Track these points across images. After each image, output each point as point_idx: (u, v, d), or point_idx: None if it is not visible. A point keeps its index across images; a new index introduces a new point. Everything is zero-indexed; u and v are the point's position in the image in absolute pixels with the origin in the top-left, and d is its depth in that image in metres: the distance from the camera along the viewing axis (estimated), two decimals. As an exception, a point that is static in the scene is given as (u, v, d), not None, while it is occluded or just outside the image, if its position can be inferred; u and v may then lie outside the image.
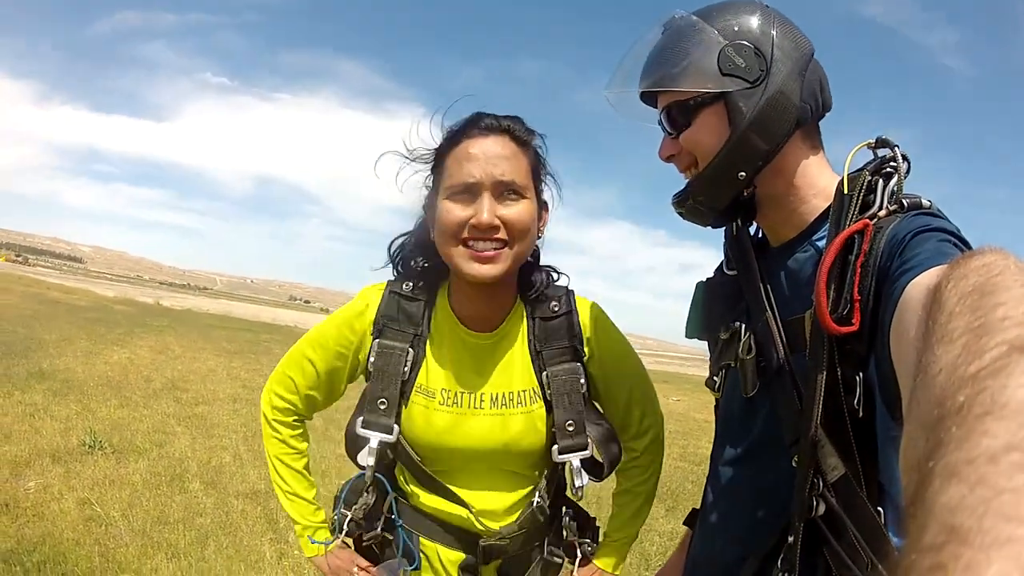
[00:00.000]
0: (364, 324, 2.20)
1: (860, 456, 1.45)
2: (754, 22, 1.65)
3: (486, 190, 1.96)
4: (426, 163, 2.16)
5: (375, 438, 2.11)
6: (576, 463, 2.17)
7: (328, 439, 10.62)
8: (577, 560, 2.37)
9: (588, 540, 2.38)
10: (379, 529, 2.22)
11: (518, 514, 2.19)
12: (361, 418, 2.14)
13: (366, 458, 2.12)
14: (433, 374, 2.17)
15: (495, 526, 2.16)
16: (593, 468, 2.26)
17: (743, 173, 1.66)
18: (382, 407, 2.11)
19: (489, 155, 1.98)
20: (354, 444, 2.19)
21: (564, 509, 2.39)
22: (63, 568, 5.22)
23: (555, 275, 2.32)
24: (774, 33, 1.64)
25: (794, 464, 1.54)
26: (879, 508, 1.44)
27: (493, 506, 2.18)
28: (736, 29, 1.64)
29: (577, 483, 2.18)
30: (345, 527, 2.22)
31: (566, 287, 2.30)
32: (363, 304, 2.22)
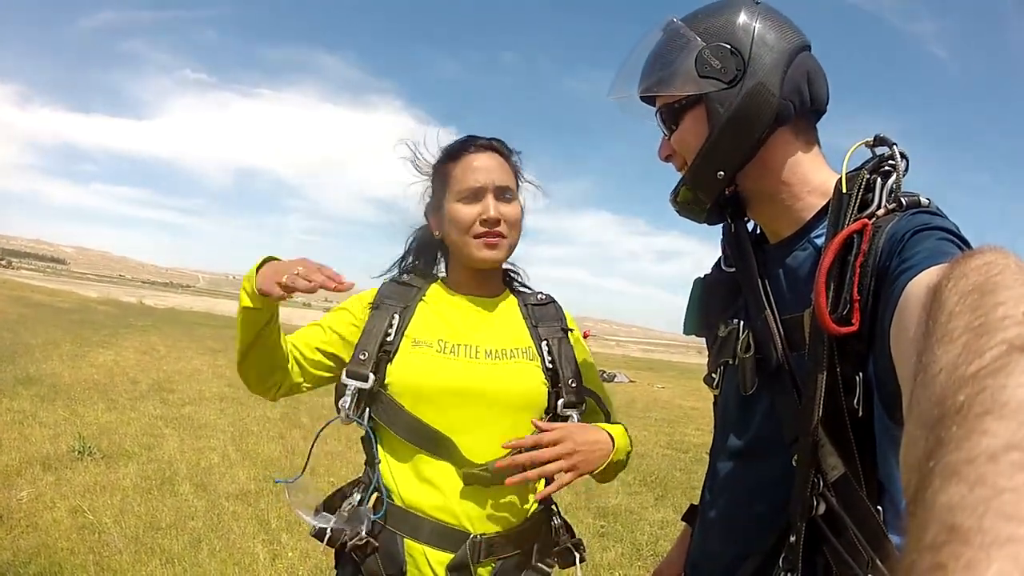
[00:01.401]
0: (368, 300, 2.48)
1: (859, 455, 1.45)
2: (736, 21, 1.65)
3: (489, 192, 2.36)
4: (425, 175, 2.57)
5: (353, 384, 2.30)
6: (576, 418, 2.38)
7: (320, 438, 10.62)
8: (578, 560, 2.43)
9: (578, 541, 2.47)
10: (363, 533, 2.24)
11: (505, 455, 2.23)
12: (345, 370, 2.34)
13: (344, 401, 2.30)
14: (428, 329, 2.41)
15: (479, 461, 2.23)
16: None
17: (722, 172, 1.68)
18: (362, 358, 2.32)
19: (489, 166, 2.40)
20: (339, 393, 2.36)
21: (555, 517, 2.48)
22: (59, 579, 5.20)
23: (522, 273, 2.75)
24: (755, 30, 1.64)
25: (794, 463, 1.54)
26: (878, 507, 1.44)
27: (482, 448, 2.26)
28: (716, 30, 1.66)
29: None
30: (330, 531, 2.26)
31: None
32: (371, 290, 2.53)
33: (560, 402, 2.37)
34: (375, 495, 2.32)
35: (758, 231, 1.91)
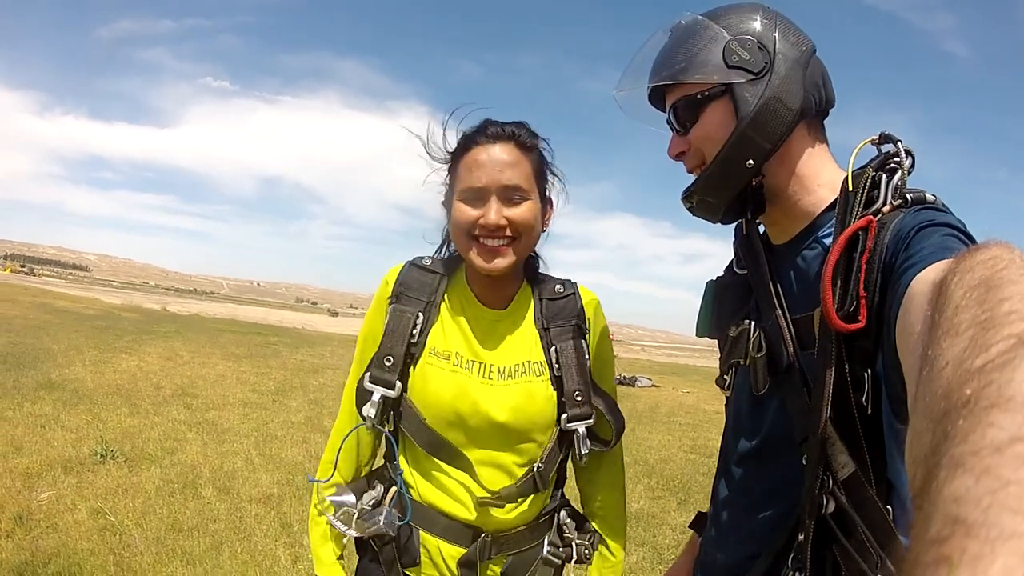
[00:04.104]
0: (385, 296, 2.34)
1: (869, 453, 1.45)
2: (757, 20, 1.68)
3: (492, 194, 2.15)
4: (444, 164, 2.33)
5: (378, 392, 2.22)
6: (582, 431, 2.30)
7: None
8: (572, 560, 2.44)
9: (585, 542, 2.45)
10: (381, 523, 2.26)
11: (518, 477, 2.27)
12: (369, 373, 2.26)
13: (368, 410, 2.22)
14: (446, 340, 2.30)
15: (494, 488, 2.23)
16: (596, 438, 2.37)
17: (751, 161, 1.66)
18: (388, 364, 2.23)
19: (495, 162, 2.16)
20: (362, 397, 2.28)
21: (563, 510, 2.49)
22: (79, 579, 5.23)
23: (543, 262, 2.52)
24: (776, 29, 1.66)
25: (804, 462, 1.54)
26: (888, 506, 1.44)
27: (494, 471, 2.26)
28: (740, 26, 1.67)
29: (583, 450, 2.29)
30: (353, 523, 2.28)
31: (568, 278, 2.50)
32: (384, 281, 2.38)
33: (564, 416, 2.29)
34: (393, 489, 2.34)
35: (765, 235, 1.91)
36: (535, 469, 2.27)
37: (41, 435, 9.07)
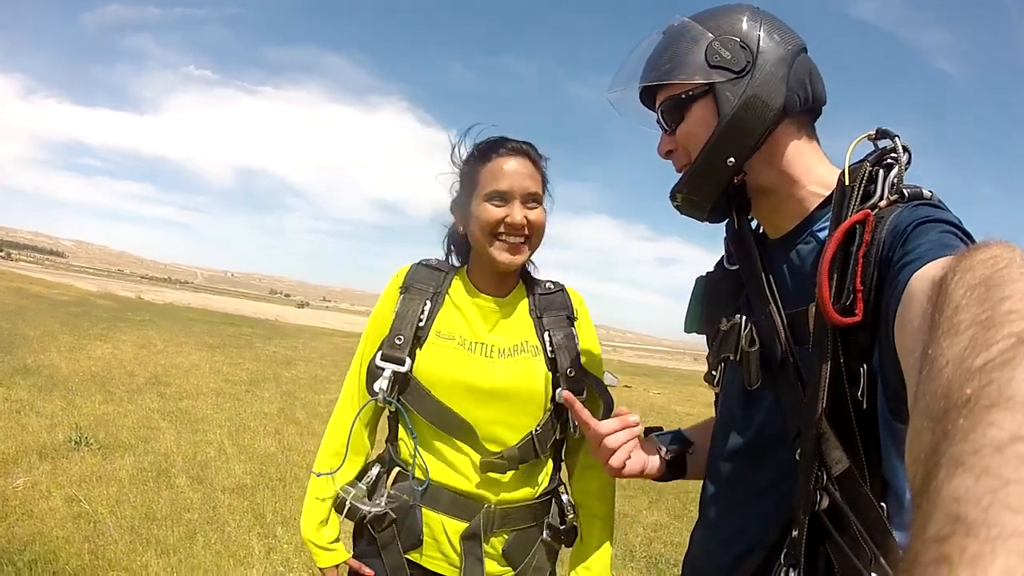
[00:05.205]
0: (396, 288, 2.57)
1: (864, 449, 1.45)
2: (742, 18, 1.69)
3: (516, 198, 2.41)
4: (458, 170, 2.61)
5: (389, 368, 2.40)
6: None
7: (311, 433, 10.66)
8: (576, 541, 2.58)
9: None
10: (383, 505, 2.39)
11: (517, 441, 2.41)
12: (380, 353, 2.44)
13: (381, 383, 2.39)
14: (451, 324, 2.50)
15: (496, 449, 2.40)
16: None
17: (732, 160, 1.67)
18: (398, 343, 2.43)
19: (519, 172, 2.43)
20: (372, 376, 2.46)
21: (564, 494, 2.62)
22: (54, 567, 5.21)
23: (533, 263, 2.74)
24: (760, 28, 1.67)
25: (797, 457, 1.53)
26: (882, 503, 1.43)
27: (495, 436, 2.42)
28: (724, 27, 1.68)
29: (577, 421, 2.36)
30: (348, 504, 2.40)
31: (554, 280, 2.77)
32: (396, 275, 2.61)
33: (558, 391, 2.40)
34: (395, 471, 2.50)
35: (761, 231, 1.91)
36: (533, 434, 2.43)
37: (16, 420, 9.02)
